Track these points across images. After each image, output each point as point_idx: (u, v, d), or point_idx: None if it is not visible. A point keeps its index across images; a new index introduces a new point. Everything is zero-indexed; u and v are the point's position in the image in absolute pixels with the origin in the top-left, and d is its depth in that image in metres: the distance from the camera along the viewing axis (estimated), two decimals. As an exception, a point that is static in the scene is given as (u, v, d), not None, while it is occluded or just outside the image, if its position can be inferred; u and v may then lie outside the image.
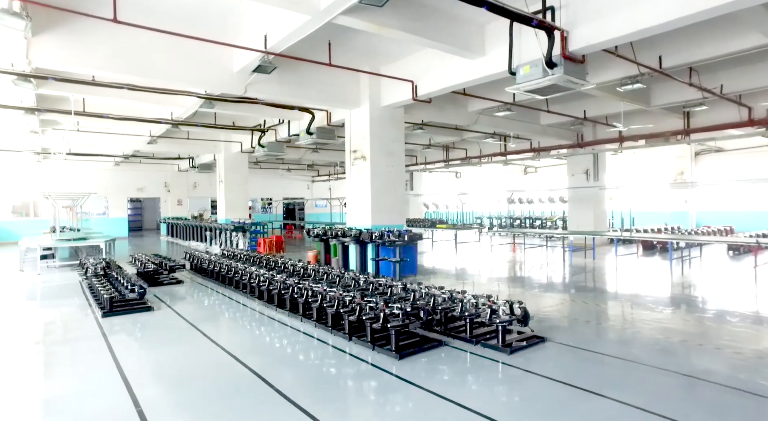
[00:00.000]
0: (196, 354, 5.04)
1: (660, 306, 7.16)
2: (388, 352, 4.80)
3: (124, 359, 4.79)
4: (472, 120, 12.73)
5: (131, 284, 7.14)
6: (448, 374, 4.39)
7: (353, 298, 5.41)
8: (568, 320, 6.29)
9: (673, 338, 5.34)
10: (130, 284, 7.17)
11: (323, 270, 7.92)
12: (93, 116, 11.28)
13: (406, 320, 4.91)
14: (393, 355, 4.74)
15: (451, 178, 30.21)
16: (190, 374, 4.42)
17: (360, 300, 5.26)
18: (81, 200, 13.90)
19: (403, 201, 10.62)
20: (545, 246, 14.34)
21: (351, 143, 10.61)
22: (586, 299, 7.69)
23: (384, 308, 4.89)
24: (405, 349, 4.90)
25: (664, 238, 11.31)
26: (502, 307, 5.05)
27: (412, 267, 10.16)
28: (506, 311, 5.14)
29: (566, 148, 16.60)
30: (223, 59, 8.25)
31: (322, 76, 9.58)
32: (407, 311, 4.93)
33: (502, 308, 5.04)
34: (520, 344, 5.03)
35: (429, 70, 9.10)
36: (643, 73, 8.88)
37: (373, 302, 5.23)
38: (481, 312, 5.17)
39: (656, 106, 11.92)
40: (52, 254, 12.15)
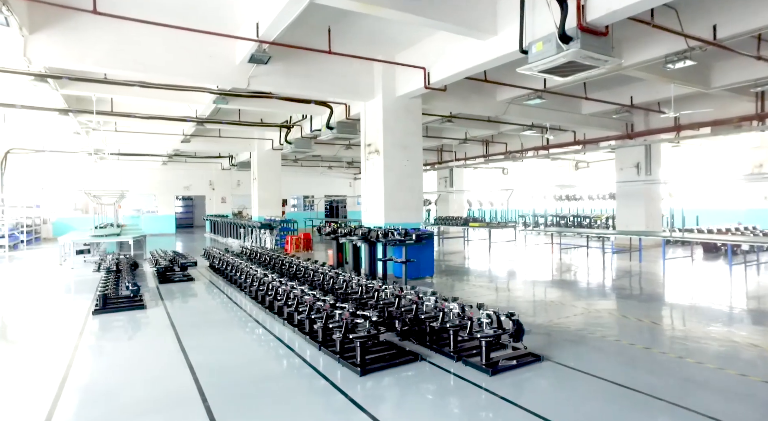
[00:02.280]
0: (152, 360, 4.72)
1: (704, 322, 6.02)
2: (352, 366, 4.25)
3: (75, 364, 4.58)
4: (501, 110, 11.77)
5: (128, 282, 7.10)
6: (407, 397, 3.76)
7: (326, 303, 4.90)
8: (582, 334, 5.39)
9: (711, 364, 4.34)
10: (127, 281, 7.13)
11: (322, 270, 7.49)
12: (120, 116, 11.63)
13: (374, 330, 4.33)
14: (355, 370, 4.18)
15: (497, 174, 28.89)
16: (125, 384, 4.06)
17: (328, 306, 4.74)
18: (119, 198, 14.49)
19: (419, 198, 9.95)
20: (586, 247, 13.04)
21: (366, 137, 10.10)
22: (611, 308, 6.67)
23: (347, 316, 4.33)
24: (372, 363, 4.32)
25: (723, 239, 9.78)
26: (484, 320, 4.32)
27: (428, 268, 9.48)
28: (499, 323, 4.40)
29: (614, 140, 15.06)
30: (224, 52, 8.03)
31: (332, 67, 9.14)
32: (375, 320, 4.34)
33: (484, 320, 4.31)
34: (509, 363, 4.28)
35: (441, 56, 8.38)
36: (692, 47, 7.61)
37: (343, 309, 4.69)
38: (466, 324, 4.47)
39: (718, 87, 10.35)
40: (88, 250, 12.70)
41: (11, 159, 19.28)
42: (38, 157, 20.15)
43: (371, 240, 8.51)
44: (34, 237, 19.69)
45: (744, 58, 9.05)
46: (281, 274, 8.23)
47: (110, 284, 7.28)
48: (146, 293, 7.96)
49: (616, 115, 12.76)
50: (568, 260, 11.96)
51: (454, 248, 15.53)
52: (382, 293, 5.71)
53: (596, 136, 15.62)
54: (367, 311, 4.46)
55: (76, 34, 6.85)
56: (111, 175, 22.85)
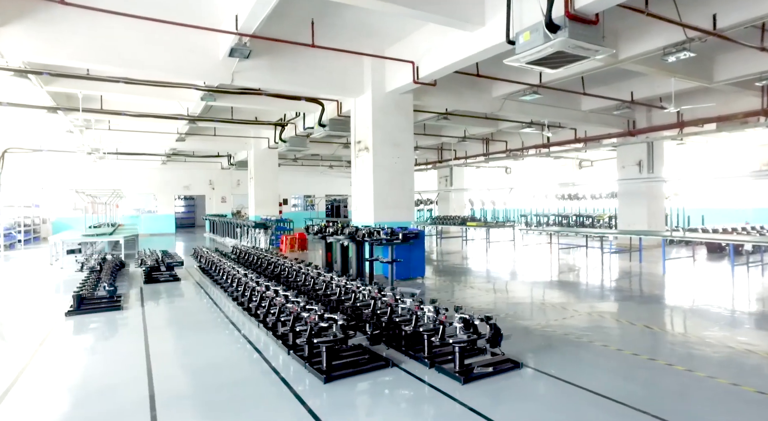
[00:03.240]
0: (112, 367, 4.46)
1: (699, 326, 5.71)
2: (317, 373, 4.00)
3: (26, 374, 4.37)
4: (497, 106, 11.46)
5: (105, 283, 6.91)
6: (369, 408, 3.52)
7: (296, 305, 4.66)
8: (568, 339, 5.10)
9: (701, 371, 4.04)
10: (105, 282, 6.95)
11: (305, 271, 7.25)
12: (109, 113, 11.48)
13: (341, 334, 4.08)
14: (320, 377, 3.94)
15: (501, 174, 28.53)
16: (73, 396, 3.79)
17: (296, 308, 4.50)
18: (114, 197, 14.37)
19: (411, 196, 9.69)
20: (585, 247, 12.69)
21: (356, 134, 9.85)
22: (603, 311, 6.36)
23: (313, 319, 4.09)
24: (340, 369, 4.07)
25: (724, 239, 9.41)
26: (456, 324, 4.05)
27: (418, 268, 9.22)
28: (474, 327, 4.14)
29: (616, 137, 14.67)
30: (206, 47, 7.81)
31: (319, 62, 8.90)
32: (343, 323, 4.09)
33: (457, 325, 4.05)
34: (484, 370, 4.01)
35: (430, 49, 8.11)
36: (691, 38, 7.28)
37: (313, 312, 4.45)
38: (439, 329, 4.21)
39: (721, 81, 9.98)
40: (79, 249, 12.58)
41: (9, 158, 19.25)
42: (38, 156, 20.15)
43: (358, 240, 8.26)
44: (32, 237, 19.70)
45: (748, 51, 8.70)
46: (265, 274, 8.01)
47: (88, 285, 7.10)
48: (128, 294, 7.80)
49: (616, 112, 12.40)
50: (566, 261, 11.63)
51: (451, 248, 15.24)
52: (360, 295, 5.46)
53: (597, 133, 15.24)
54: (336, 314, 4.21)
55: (50, 27, 6.66)
56: (111, 174, 22.79)
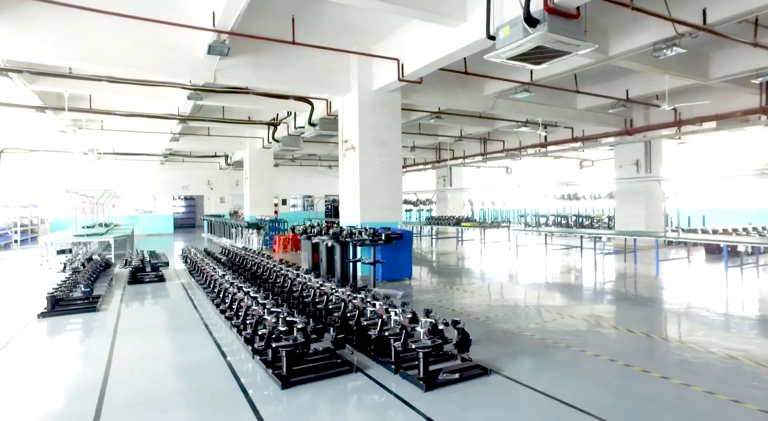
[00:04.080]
0: (69, 372, 4.33)
1: (683, 330, 5.52)
2: (276, 378, 3.86)
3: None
4: (489, 105, 11.29)
5: (83, 283, 6.82)
6: (323, 417, 3.37)
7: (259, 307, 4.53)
8: (546, 343, 4.92)
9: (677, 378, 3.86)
10: (82, 282, 6.86)
11: (284, 272, 7.12)
12: (98, 113, 11.42)
13: (302, 337, 3.94)
14: (278, 382, 3.80)
15: (501, 174, 28.31)
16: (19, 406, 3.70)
17: (259, 310, 4.36)
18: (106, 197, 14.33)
19: (398, 196, 9.54)
20: (580, 247, 12.47)
21: (343, 133, 9.72)
22: (587, 314, 6.17)
23: (271, 322, 3.95)
24: (301, 374, 3.93)
25: (719, 239, 9.16)
26: (419, 329, 3.90)
27: (405, 270, 9.05)
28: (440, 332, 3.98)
29: (613, 136, 14.44)
30: (187, 45, 7.70)
31: (304, 60, 8.77)
32: (303, 327, 3.95)
33: (420, 330, 3.89)
34: (449, 377, 3.85)
35: (414, 46, 7.97)
36: (681, 33, 7.08)
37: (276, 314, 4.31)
38: (403, 333, 4.05)
39: (717, 78, 9.76)
40: (69, 250, 12.53)
41: (6, 159, 19.31)
42: (36, 157, 20.18)
43: (342, 240, 8.12)
44: (29, 237, 19.71)
45: (743, 47, 8.47)
46: (247, 276, 7.89)
47: (66, 286, 7.00)
48: (109, 295, 7.70)
49: (612, 110, 12.18)
50: (559, 262, 11.42)
51: (446, 249, 15.06)
52: (333, 297, 5.31)
53: (594, 132, 15.02)
54: (298, 317, 4.07)
55: (25, 24, 6.56)
56: (109, 175, 22.79)
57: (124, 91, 10.07)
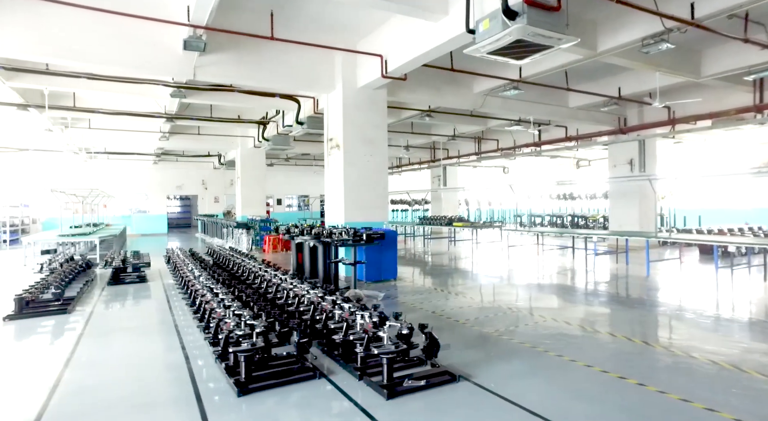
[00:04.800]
0: (16, 383, 4.14)
1: (665, 334, 5.35)
2: (234, 386, 3.68)
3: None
4: (479, 103, 11.11)
5: (54, 285, 6.65)
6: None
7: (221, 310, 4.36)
8: (523, 347, 4.74)
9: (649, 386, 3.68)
10: (53, 284, 6.69)
11: (261, 273, 6.95)
12: (82, 111, 11.26)
13: (263, 342, 3.76)
14: (234, 389, 3.62)
15: (498, 173, 28.16)
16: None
17: (219, 313, 4.19)
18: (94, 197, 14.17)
19: (384, 195, 9.36)
20: (572, 248, 12.28)
21: (328, 131, 9.56)
22: (570, 317, 5.99)
23: (228, 326, 3.78)
24: (261, 380, 3.76)
25: (710, 240, 8.97)
26: (382, 334, 3.72)
27: (390, 270, 8.87)
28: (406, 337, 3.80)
29: (607, 135, 14.26)
30: (165, 40, 7.53)
31: (287, 57, 8.60)
32: (262, 330, 3.78)
33: (383, 334, 3.71)
34: (415, 384, 3.67)
35: (397, 42, 7.80)
36: (670, 28, 6.89)
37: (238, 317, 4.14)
38: (367, 337, 3.88)
39: (709, 76, 9.57)
40: (54, 250, 12.37)
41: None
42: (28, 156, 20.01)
43: (324, 241, 7.94)
44: (20, 237, 19.55)
45: (735, 44, 8.31)
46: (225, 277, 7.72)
47: (38, 287, 6.83)
48: (85, 296, 7.53)
49: (605, 108, 12.00)
50: (551, 262, 11.23)
51: (437, 249, 14.89)
52: (304, 299, 5.14)
53: (588, 131, 14.84)
54: (257, 320, 3.90)
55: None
56: (102, 174, 22.63)
57: (108, 89, 9.90)
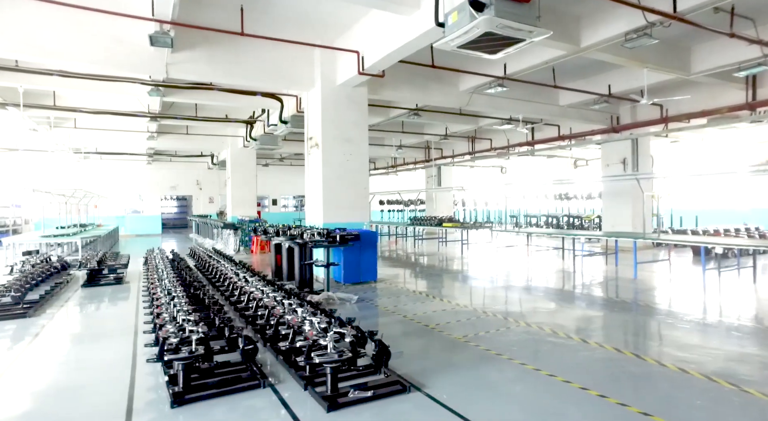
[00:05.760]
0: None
1: (640, 339, 5.12)
2: (171, 396, 3.48)
3: None
4: (465, 101, 10.88)
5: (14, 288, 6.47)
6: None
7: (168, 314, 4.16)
8: (488, 354, 4.52)
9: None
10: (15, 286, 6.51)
11: (231, 274, 6.76)
12: (62, 110, 11.11)
13: (202, 349, 3.56)
14: (170, 400, 3.42)
15: (496, 173, 27.93)
16: None
17: (162, 318, 3.99)
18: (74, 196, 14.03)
19: (364, 195, 9.15)
20: (562, 249, 12.03)
21: (308, 129, 9.36)
22: (545, 321, 5.76)
23: (165, 332, 3.58)
24: (200, 390, 3.55)
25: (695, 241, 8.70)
26: (327, 342, 3.51)
27: (370, 272, 8.65)
28: (352, 345, 3.59)
29: (599, 134, 14.00)
30: (133, 36, 7.32)
31: (265, 53, 8.40)
32: (201, 337, 3.58)
33: (329, 343, 3.50)
34: (361, 395, 3.46)
35: (373, 37, 7.59)
36: (653, 22, 6.66)
37: (187, 323, 3.94)
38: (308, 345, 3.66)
39: (699, 73, 9.32)
40: (36, 251, 12.22)
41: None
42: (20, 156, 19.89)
43: (301, 242, 7.75)
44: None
45: (725, 40, 8.05)
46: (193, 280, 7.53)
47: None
48: (55, 298, 7.36)
49: (595, 106, 11.73)
50: (539, 264, 10.98)
51: (426, 250, 14.66)
52: (262, 303, 4.94)
53: (581, 130, 14.57)
54: (199, 325, 3.70)
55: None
56: (95, 174, 22.52)
57: (86, 88, 9.73)
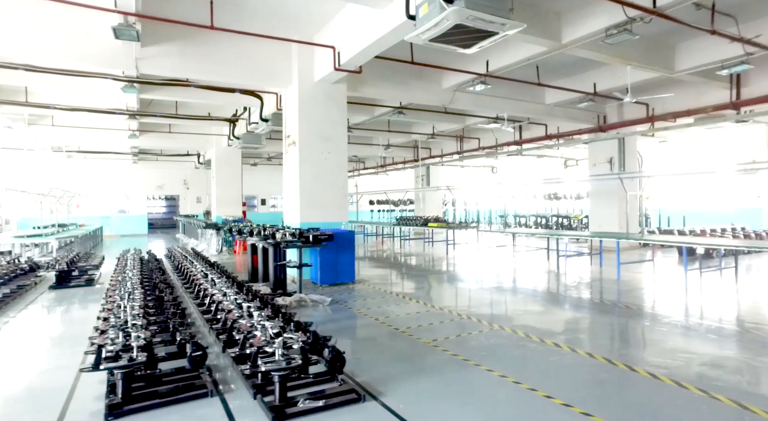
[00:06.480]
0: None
1: (613, 343, 4.95)
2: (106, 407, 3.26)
3: None
4: (447, 99, 10.70)
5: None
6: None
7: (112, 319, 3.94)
8: (455, 360, 4.33)
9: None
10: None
11: (199, 275, 6.53)
12: (35, 106, 10.81)
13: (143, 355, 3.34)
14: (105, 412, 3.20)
15: (487, 173, 27.84)
16: None
17: (104, 325, 3.77)
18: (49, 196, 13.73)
19: (343, 195, 8.95)
20: (547, 249, 11.89)
21: (286, 127, 9.15)
22: (520, 324, 5.58)
23: (101, 339, 3.36)
24: (141, 400, 3.33)
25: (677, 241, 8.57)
26: (277, 349, 3.30)
27: (347, 273, 8.43)
28: (303, 351, 3.39)
29: (587, 134, 13.88)
30: (100, 30, 7.08)
31: (241, 49, 8.19)
32: (143, 344, 3.36)
33: (278, 349, 3.29)
34: (311, 404, 3.25)
35: (349, 32, 7.40)
36: (632, 17, 6.52)
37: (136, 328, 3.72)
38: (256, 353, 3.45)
39: (683, 71, 9.21)
40: (9, 251, 11.93)
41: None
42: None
43: (274, 242, 7.53)
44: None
45: (708, 38, 7.92)
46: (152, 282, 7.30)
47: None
48: (16, 301, 7.10)
49: (581, 105, 11.60)
50: (523, 264, 10.82)
51: (411, 250, 14.47)
52: (222, 306, 4.73)
53: (569, 129, 14.46)
54: (141, 331, 3.48)
55: None
56: (80, 173, 22.15)
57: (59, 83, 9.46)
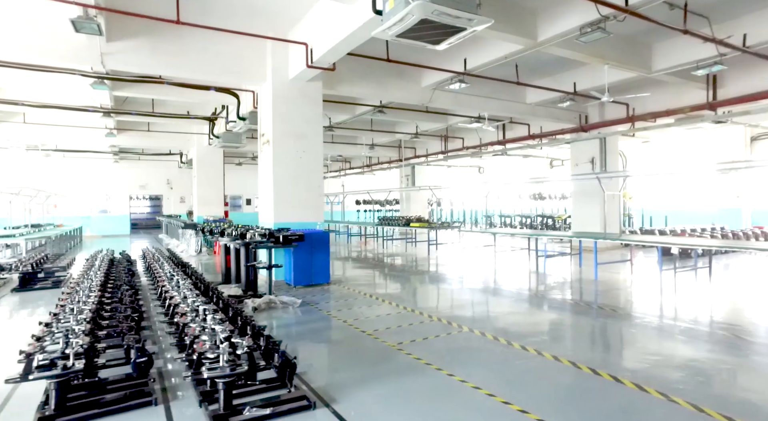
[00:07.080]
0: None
1: (579, 345, 4.88)
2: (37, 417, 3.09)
3: None
4: (426, 97, 10.60)
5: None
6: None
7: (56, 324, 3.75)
8: (416, 365, 4.21)
9: (537, 413, 3.16)
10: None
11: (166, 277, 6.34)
12: (2, 103, 10.50)
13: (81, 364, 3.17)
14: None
15: (473, 173, 27.86)
16: None
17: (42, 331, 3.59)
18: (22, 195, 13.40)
19: (318, 194, 8.79)
20: (528, 249, 11.85)
21: (261, 126, 8.98)
22: (491, 327, 5.49)
23: (34, 346, 3.18)
24: (76, 411, 3.16)
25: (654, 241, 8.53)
26: (222, 354, 3.15)
27: (322, 274, 8.28)
28: (250, 356, 3.24)
29: (569, 133, 13.87)
30: (62, 23, 6.82)
31: (214, 46, 7.99)
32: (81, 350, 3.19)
33: (222, 355, 3.14)
34: (257, 413, 3.11)
35: (321, 29, 7.25)
36: (606, 15, 6.46)
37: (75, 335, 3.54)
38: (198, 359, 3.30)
39: (660, 71, 9.22)
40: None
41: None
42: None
43: (244, 242, 7.35)
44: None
45: (684, 38, 7.88)
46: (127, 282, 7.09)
47: None
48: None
49: (562, 104, 11.56)
50: (502, 265, 10.76)
51: (393, 251, 14.36)
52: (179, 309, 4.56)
53: (551, 129, 14.45)
54: (80, 337, 3.30)
55: None
56: (59, 172, 21.73)
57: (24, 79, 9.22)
